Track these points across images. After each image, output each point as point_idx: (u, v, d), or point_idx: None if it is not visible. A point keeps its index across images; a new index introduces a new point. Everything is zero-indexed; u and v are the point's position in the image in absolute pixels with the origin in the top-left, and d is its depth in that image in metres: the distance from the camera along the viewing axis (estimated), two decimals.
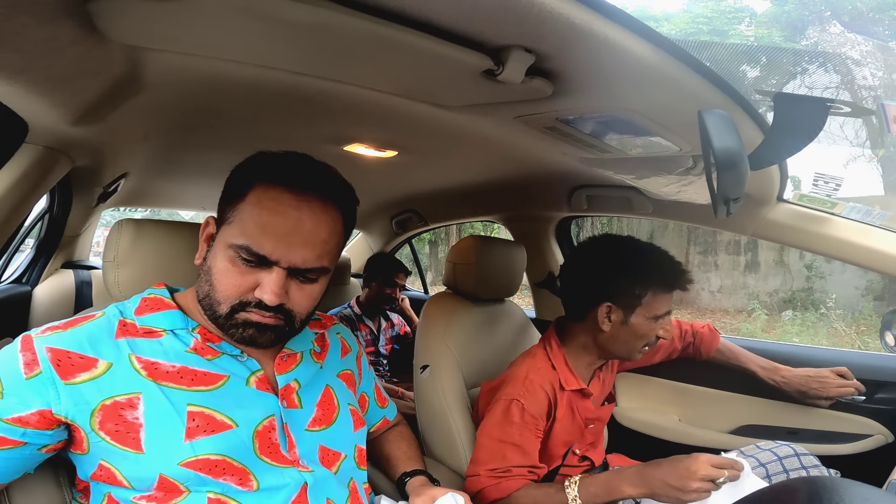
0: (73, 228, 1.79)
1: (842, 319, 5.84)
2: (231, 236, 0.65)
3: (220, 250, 0.67)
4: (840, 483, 0.65)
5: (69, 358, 0.62)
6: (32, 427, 0.60)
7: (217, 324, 0.68)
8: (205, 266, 0.69)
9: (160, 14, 0.56)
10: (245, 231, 0.64)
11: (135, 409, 0.63)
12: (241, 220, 0.65)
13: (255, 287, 0.65)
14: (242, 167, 0.69)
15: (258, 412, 0.69)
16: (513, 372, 1.11)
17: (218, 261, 0.66)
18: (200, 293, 0.69)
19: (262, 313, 0.66)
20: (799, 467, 1.02)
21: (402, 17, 0.54)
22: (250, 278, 0.65)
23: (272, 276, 0.65)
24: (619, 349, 1.08)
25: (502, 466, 1.00)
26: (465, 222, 2.92)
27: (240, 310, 0.66)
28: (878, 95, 6.45)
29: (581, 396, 1.11)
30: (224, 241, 0.66)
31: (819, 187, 1.18)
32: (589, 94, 0.75)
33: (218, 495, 0.64)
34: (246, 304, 0.66)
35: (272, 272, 0.65)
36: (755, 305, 6.76)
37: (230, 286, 0.65)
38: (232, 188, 0.68)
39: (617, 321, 1.04)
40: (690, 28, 7.89)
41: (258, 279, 0.65)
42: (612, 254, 1.07)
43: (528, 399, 1.03)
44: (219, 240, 0.68)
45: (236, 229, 0.65)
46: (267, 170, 0.67)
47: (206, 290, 0.67)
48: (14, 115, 0.76)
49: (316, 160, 0.71)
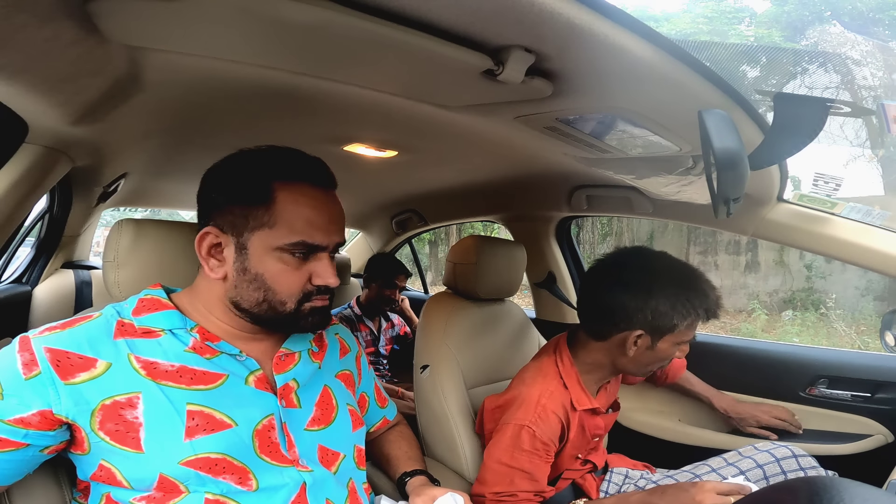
0: (73, 228, 1.79)
1: (842, 319, 5.84)
2: (279, 238, 0.67)
3: (266, 254, 0.68)
4: (840, 483, 0.65)
5: (68, 358, 0.62)
6: (34, 428, 0.60)
7: (283, 321, 0.71)
8: (246, 275, 0.68)
9: (160, 14, 0.56)
10: (295, 229, 0.68)
11: (134, 408, 0.63)
12: (285, 221, 0.67)
13: (310, 277, 0.70)
14: (256, 170, 0.69)
15: (257, 411, 0.69)
16: (524, 394, 1.03)
17: (269, 265, 0.68)
18: (251, 301, 0.69)
19: (324, 297, 0.72)
20: (797, 468, 1.02)
21: (402, 17, 0.54)
22: (304, 271, 0.70)
23: (325, 262, 0.71)
24: (634, 370, 1.04)
25: (508, 491, 0.97)
26: (465, 222, 2.92)
27: (305, 301, 0.71)
28: (878, 95, 6.45)
29: (592, 414, 1.07)
30: (269, 245, 0.67)
31: (819, 187, 1.18)
32: (589, 94, 0.75)
33: (217, 496, 0.64)
34: (309, 293, 0.71)
35: (323, 259, 0.71)
36: (755, 305, 6.76)
37: (293, 284, 0.69)
38: (251, 191, 0.68)
39: (643, 346, 0.97)
40: (690, 28, 7.89)
41: (310, 269, 0.70)
42: (648, 275, 0.96)
43: (540, 426, 0.98)
44: (257, 245, 0.68)
45: (283, 230, 0.67)
46: (284, 170, 0.70)
47: (262, 295, 0.69)
48: (14, 115, 0.76)
49: (307, 154, 0.74)
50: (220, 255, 0.70)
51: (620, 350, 0.99)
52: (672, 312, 0.93)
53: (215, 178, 0.72)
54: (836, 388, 1.29)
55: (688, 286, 0.95)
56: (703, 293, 0.95)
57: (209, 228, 0.69)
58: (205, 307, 0.73)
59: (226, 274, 0.70)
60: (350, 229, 2.84)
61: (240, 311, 0.71)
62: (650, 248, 1.06)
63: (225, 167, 0.72)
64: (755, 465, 1.03)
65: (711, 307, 0.96)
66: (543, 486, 1.00)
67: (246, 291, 0.69)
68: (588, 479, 1.15)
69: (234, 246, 0.69)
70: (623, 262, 1.03)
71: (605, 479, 1.16)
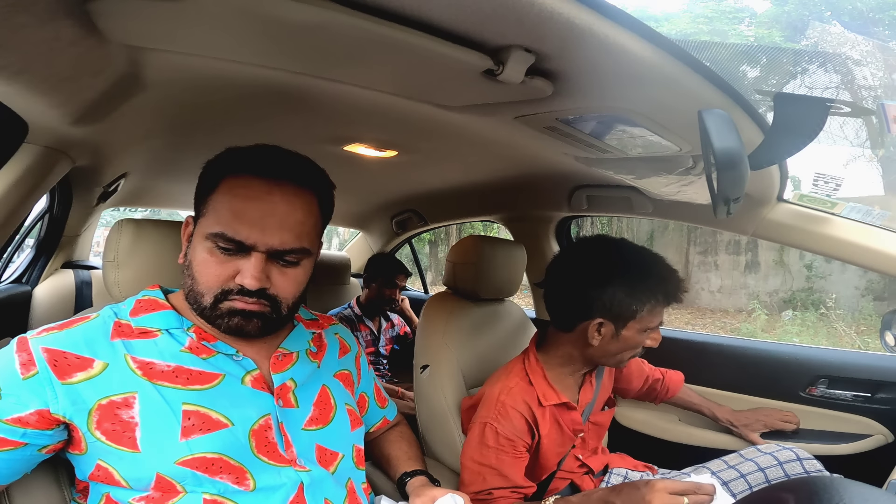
0: (73, 228, 1.79)
1: (842, 319, 5.84)
2: (207, 227, 0.67)
3: (198, 243, 0.68)
4: (840, 483, 0.65)
5: (65, 358, 0.62)
6: (32, 427, 0.60)
7: (204, 316, 0.68)
8: (186, 262, 0.70)
9: (160, 14, 0.56)
10: (220, 219, 0.66)
11: (130, 408, 0.63)
12: (214, 210, 0.67)
13: (235, 275, 0.66)
14: (213, 162, 0.71)
15: (253, 411, 0.69)
16: (487, 393, 1.05)
17: (197, 253, 0.68)
18: (185, 289, 0.70)
19: (246, 300, 0.67)
20: (801, 472, 1.01)
21: (402, 17, 0.54)
22: (230, 267, 0.66)
23: (251, 261, 0.66)
24: (606, 360, 1.04)
25: (484, 489, 0.98)
26: (465, 222, 2.92)
27: (223, 299, 0.67)
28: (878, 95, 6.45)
29: (566, 409, 1.06)
30: (201, 234, 0.67)
31: (819, 187, 1.18)
32: (589, 94, 0.75)
33: (214, 496, 0.64)
34: (228, 292, 0.66)
35: (251, 258, 0.66)
36: (755, 305, 6.76)
37: (210, 276, 0.66)
38: (204, 182, 0.70)
39: (607, 335, 0.98)
40: (690, 28, 7.89)
41: (238, 267, 0.66)
42: (605, 263, 0.98)
43: (500, 422, 0.99)
44: (196, 233, 0.69)
45: (211, 219, 0.67)
46: (236, 162, 0.69)
47: (189, 284, 0.69)
48: (14, 115, 0.76)
49: (286, 150, 0.72)
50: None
51: (585, 340, 1.00)
52: (630, 299, 0.94)
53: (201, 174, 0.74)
54: (836, 388, 1.29)
55: (646, 271, 0.96)
56: (661, 277, 0.96)
57: (190, 217, 0.72)
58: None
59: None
60: (350, 229, 2.84)
61: (185, 299, 0.71)
62: (610, 236, 1.07)
63: (205, 165, 0.74)
64: (756, 467, 1.02)
65: (671, 291, 0.96)
66: (518, 482, 1.00)
67: (185, 278, 0.70)
68: (585, 481, 1.15)
69: (193, 232, 0.71)
70: (582, 251, 1.04)
71: (604, 480, 1.15)
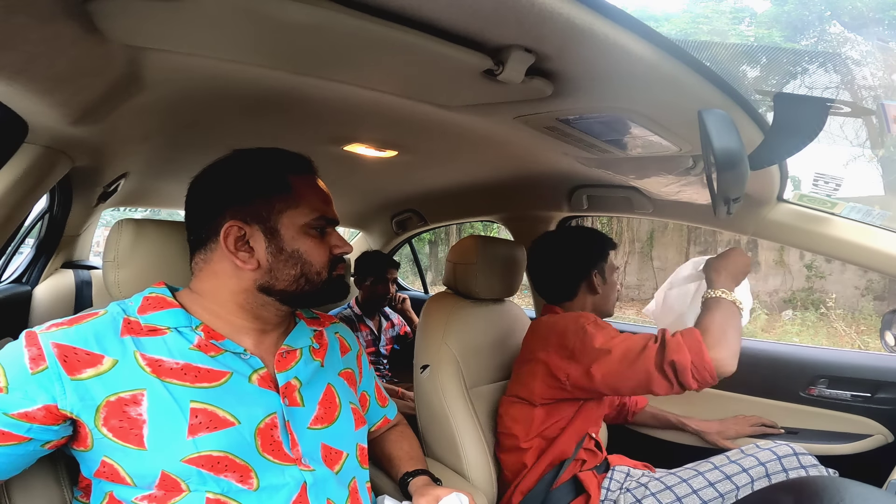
0: (73, 228, 1.79)
1: (842, 319, 5.84)
2: (303, 216, 0.74)
3: (296, 233, 0.74)
4: (840, 483, 0.65)
5: (75, 354, 0.62)
6: (39, 423, 0.60)
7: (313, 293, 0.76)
8: (283, 255, 0.73)
9: (160, 14, 0.56)
10: (314, 207, 0.75)
11: (139, 405, 0.63)
12: (305, 202, 0.75)
13: (331, 248, 0.77)
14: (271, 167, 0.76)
15: (260, 409, 0.70)
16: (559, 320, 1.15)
17: (301, 242, 0.74)
18: (288, 279, 0.73)
19: (340, 268, 0.79)
20: (798, 466, 1.02)
21: (402, 17, 0.55)
22: (326, 243, 0.77)
23: (336, 234, 0.80)
24: (607, 306, 1.29)
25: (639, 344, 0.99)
26: (465, 222, 2.92)
27: (332, 269, 0.77)
28: (878, 95, 6.44)
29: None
30: (296, 224, 0.74)
31: (819, 187, 1.18)
32: (589, 94, 0.75)
33: (217, 495, 0.64)
34: (335, 262, 0.78)
35: (334, 233, 0.79)
36: (755, 305, 6.75)
37: (322, 254, 0.76)
38: (268, 185, 0.74)
39: (600, 283, 1.27)
40: (690, 28, 7.89)
41: (328, 242, 0.77)
42: (578, 237, 1.30)
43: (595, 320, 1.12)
44: (287, 226, 0.73)
45: (305, 210, 0.74)
46: (293, 165, 0.77)
47: (300, 270, 0.74)
48: (14, 115, 0.76)
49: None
50: (247, 246, 0.72)
51: (592, 293, 1.26)
52: (602, 251, 1.28)
53: (223, 181, 0.75)
54: (836, 388, 1.29)
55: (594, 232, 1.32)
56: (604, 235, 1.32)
57: (233, 223, 0.71)
58: (213, 304, 0.73)
59: (258, 262, 0.72)
60: (350, 229, 2.84)
61: (271, 294, 0.74)
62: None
63: (232, 169, 0.75)
64: (757, 462, 1.03)
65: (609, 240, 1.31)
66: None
67: (282, 271, 0.73)
68: (589, 476, 1.15)
69: (262, 233, 0.72)
70: (553, 237, 1.34)
71: (608, 476, 1.16)
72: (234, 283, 0.73)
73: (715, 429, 1.35)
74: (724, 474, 1.03)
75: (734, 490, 1.01)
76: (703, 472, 1.06)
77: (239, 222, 0.71)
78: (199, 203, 0.75)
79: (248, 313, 0.75)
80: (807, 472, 1.02)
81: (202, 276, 0.74)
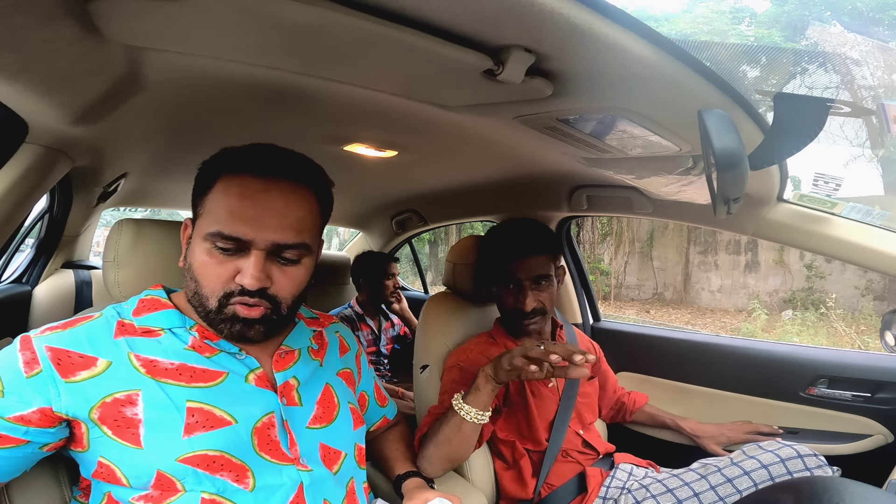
0: (73, 228, 1.79)
1: (842, 319, 5.84)
2: (204, 227, 0.66)
3: (196, 245, 0.67)
4: (840, 483, 0.65)
5: (69, 357, 0.62)
6: (35, 425, 0.60)
7: (208, 320, 0.68)
8: (186, 265, 0.70)
9: (160, 14, 0.56)
10: (217, 218, 0.65)
11: (134, 405, 0.63)
12: (211, 210, 0.66)
13: (235, 275, 0.66)
14: (208, 163, 0.70)
15: (257, 409, 0.69)
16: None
17: (197, 255, 0.67)
18: (188, 293, 0.70)
19: (246, 301, 0.66)
20: (802, 469, 1.01)
21: (402, 17, 0.54)
22: (230, 267, 0.66)
23: (250, 259, 0.65)
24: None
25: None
26: (465, 222, 2.92)
27: (226, 302, 0.66)
28: (878, 95, 6.44)
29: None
30: (199, 235, 0.67)
31: (819, 187, 1.18)
32: (589, 94, 0.75)
33: (213, 496, 0.64)
34: (230, 294, 0.66)
35: (250, 256, 0.65)
36: (755, 305, 6.76)
37: (212, 277, 0.66)
38: (200, 183, 0.69)
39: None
40: (690, 28, 7.89)
41: (238, 267, 0.66)
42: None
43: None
44: (195, 235, 0.69)
45: (209, 219, 0.66)
46: (231, 161, 0.68)
47: (193, 287, 0.68)
48: (14, 115, 0.76)
49: (281, 148, 0.71)
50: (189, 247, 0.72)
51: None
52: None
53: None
54: (836, 388, 1.29)
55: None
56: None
57: (187, 220, 0.72)
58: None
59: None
60: (350, 229, 2.84)
61: (189, 303, 0.71)
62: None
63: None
64: (760, 465, 1.03)
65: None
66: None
67: (187, 281, 0.70)
68: (594, 472, 1.16)
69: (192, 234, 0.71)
70: (503, 226, 1.28)
71: (610, 474, 1.17)
72: None
73: (709, 433, 1.35)
74: (726, 477, 1.03)
75: (736, 494, 1.01)
76: (705, 474, 1.06)
77: (190, 220, 0.72)
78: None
79: None
80: (812, 473, 1.01)
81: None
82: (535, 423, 1.16)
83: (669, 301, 8.23)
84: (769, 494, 0.79)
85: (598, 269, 8.67)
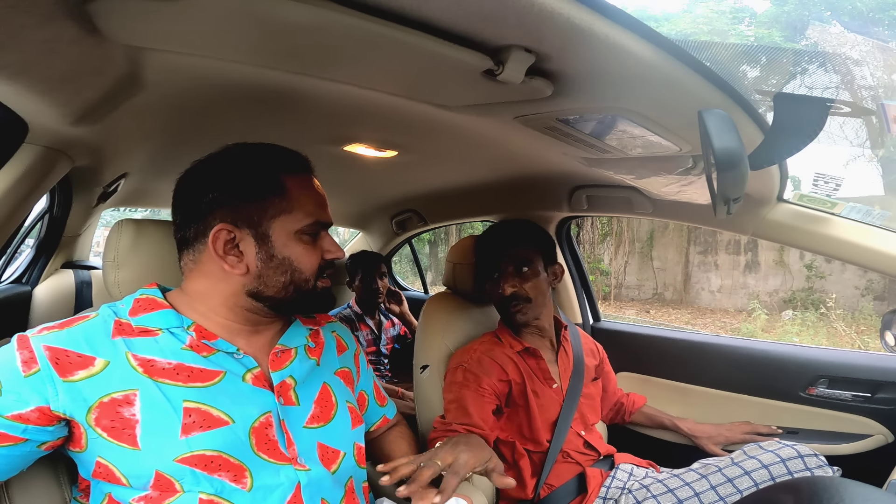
0: (73, 228, 1.79)
1: (842, 319, 5.84)
2: (296, 222, 0.72)
3: (287, 239, 0.72)
4: (840, 483, 0.65)
5: (67, 356, 0.62)
6: (33, 424, 0.60)
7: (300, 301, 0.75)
8: (273, 262, 0.71)
9: (160, 14, 0.56)
10: (308, 211, 0.73)
11: (131, 405, 0.63)
12: (300, 207, 0.73)
13: (321, 254, 0.75)
14: (258, 168, 0.72)
15: (254, 408, 0.69)
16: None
17: (292, 249, 0.72)
18: (276, 286, 0.72)
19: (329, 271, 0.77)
20: (803, 469, 1.01)
21: (402, 17, 0.54)
22: (318, 248, 0.75)
23: (329, 238, 0.77)
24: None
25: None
26: (465, 222, 2.92)
27: (320, 274, 0.76)
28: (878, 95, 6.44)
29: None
30: (288, 230, 0.72)
31: (819, 187, 1.18)
32: (589, 94, 0.75)
33: (211, 496, 0.64)
34: (323, 268, 0.76)
35: (326, 236, 0.77)
36: (755, 305, 6.76)
37: (312, 261, 0.74)
38: (260, 189, 0.71)
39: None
40: (690, 28, 7.89)
41: (321, 247, 0.76)
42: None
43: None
44: (279, 232, 0.71)
45: (299, 215, 0.72)
46: (284, 164, 0.74)
47: (289, 277, 0.72)
48: (14, 115, 0.76)
49: (287, 148, 0.78)
50: (237, 251, 0.70)
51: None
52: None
53: (212, 179, 0.72)
54: (836, 388, 1.29)
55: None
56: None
57: (222, 226, 0.69)
58: (203, 305, 0.73)
59: (247, 267, 0.71)
60: (350, 229, 2.84)
61: (260, 299, 0.73)
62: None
63: (223, 166, 0.72)
64: (760, 465, 1.03)
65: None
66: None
67: (272, 278, 0.72)
68: (594, 472, 1.16)
69: (252, 238, 0.70)
70: (494, 225, 1.32)
71: (611, 475, 1.17)
72: (224, 286, 0.72)
73: (707, 434, 1.35)
74: (727, 477, 1.03)
75: (736, 494, 1.01)
76: (705, 474, 1.06)
77: (229, 225, 0.69)
78: (187, 200, 0.73)
79: (239, 315, 0.74)
80: (812, 474, 1.01)
81: (192, 276, 0.73)
82: (536, 424, 1.16)
83: (669, 301, 8.23)
84: (770, 494, 0.79)
85: (598, 269, 8.67)
